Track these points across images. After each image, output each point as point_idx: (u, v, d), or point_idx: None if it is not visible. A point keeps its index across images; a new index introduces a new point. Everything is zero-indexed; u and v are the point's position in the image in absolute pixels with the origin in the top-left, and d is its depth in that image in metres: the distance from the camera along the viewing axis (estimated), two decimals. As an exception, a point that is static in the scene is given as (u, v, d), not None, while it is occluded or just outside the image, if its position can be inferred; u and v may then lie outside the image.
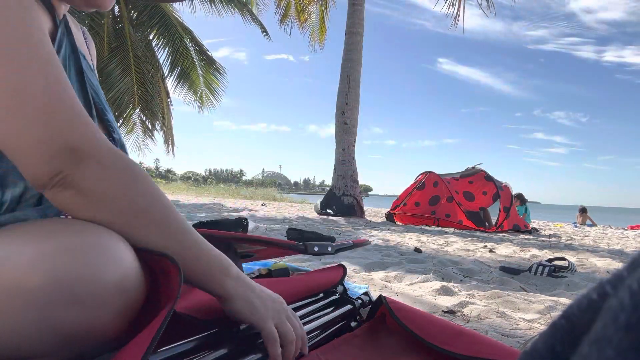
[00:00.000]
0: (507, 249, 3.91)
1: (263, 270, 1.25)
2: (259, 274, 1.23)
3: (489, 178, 7.43)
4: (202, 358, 0.63)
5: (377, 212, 11.26)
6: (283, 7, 11.65)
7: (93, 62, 0.85)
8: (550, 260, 2.68)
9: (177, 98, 10.83)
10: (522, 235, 6.27)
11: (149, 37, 10.30)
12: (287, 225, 5.13)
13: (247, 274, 1.05)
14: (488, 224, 7.04)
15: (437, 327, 0.83)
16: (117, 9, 9.96)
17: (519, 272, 2.45)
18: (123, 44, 9.37)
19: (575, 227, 10.10)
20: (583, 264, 3.09)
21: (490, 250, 3.73)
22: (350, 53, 8.78)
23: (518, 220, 7.21)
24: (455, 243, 4.22)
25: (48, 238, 0.54)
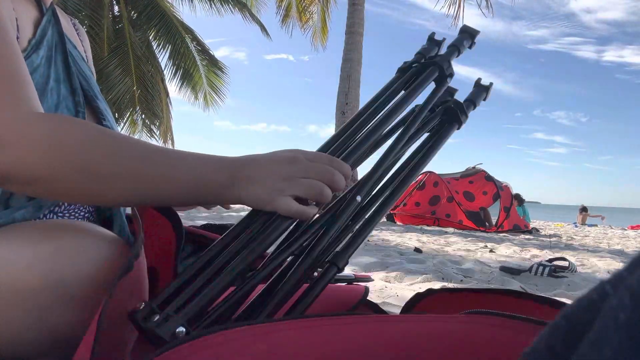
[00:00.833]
0: (507, 249, 3.91)
1: None
2: None
3: (489, 178, 7.43)
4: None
5: (377, 212, 11.24)
6: (284, 8, 11.65)
7: (87, 53, 0.86)
8: (551, 261, 2.68)
9: (181, 98, 10.86)
10: (522, 235, 6.27)
11: (149, 37, 10.30)
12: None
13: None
14: (488, 224, 7.04)
15: None
16: (117, 9, 9.96)
17: (519, 272, 2.45)
18: (123, 44, 9.38)
19: (576, 227, 10.10)
20: (583, 264, 3.09)
21: (491, 251, 3.72)
22: (351, 53, 8.78)
23: (518, 220, 7.21)
24: (456, 243, 4.22)
25: (45, 239, 0.54)
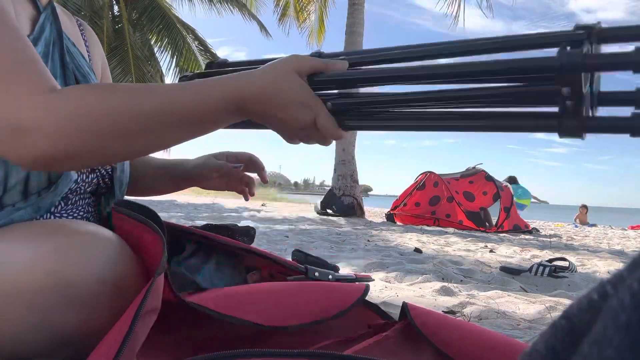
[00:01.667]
0: (507, 249, 3.91)
1: None
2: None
3: (490, 178, 7.43)
4: None
5: (377, 212, 11.25)
6: (281, 6, 11.65)
7: (91, 51, 0.86)
8: (551, 261, 2.68)
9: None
10: (522, 236, 6.27)
11: (150, 38, 10.30)
12: (287, 226, 5.12)
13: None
14: (488, 224, 7.04)
15: (466, 341, 0.73)
16: (116, 9, 9.96)
17: (520, 272, 2.45)
18: (122, 44, 9.38)
19: (576, 227, 10.10)
20: (584, 264, 3.09)
21: (491, 251, 3.72)
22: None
23: (518, 221, 7.20)
24: (456, 243, 4.22)
25: (46, 239, 0.54)
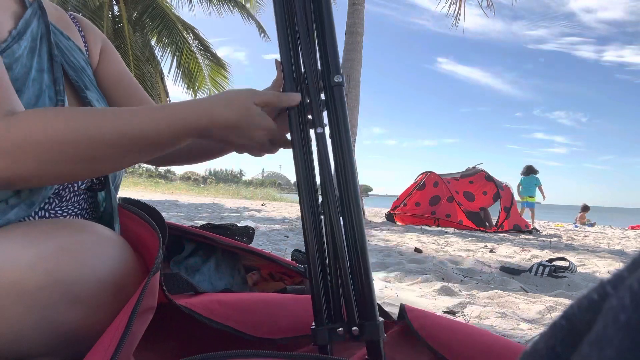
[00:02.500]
0: (507, 249, 3.91)
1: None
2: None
3: (490, 178, 7.43)
4: None
5: (377, 212, 11.25)
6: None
7: (88, 39, 0.85)
8: (551, 261, 2.68)
9: (182, 97, 10.91)
10: (522, 236, 6.27)
11: (150, 38, 10.30)
12: (287, 225, 5.13)
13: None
14: (488, 224, 7.04)
15: (464, 343, 0.72)
16: (116, 9, 9.96)
17: (520, 272, 2.44)
18: (122, 44, 9.38)
19: (576, 227, 10.10)
20: (584, 264, 3.09)
21: (491, 251, 3.72)
22: (350, 53, 8.78)
23: (518, 221, 7.20)
24: (456, 243, 4.22)
25: (47, 239, 0.54)
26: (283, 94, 0.67)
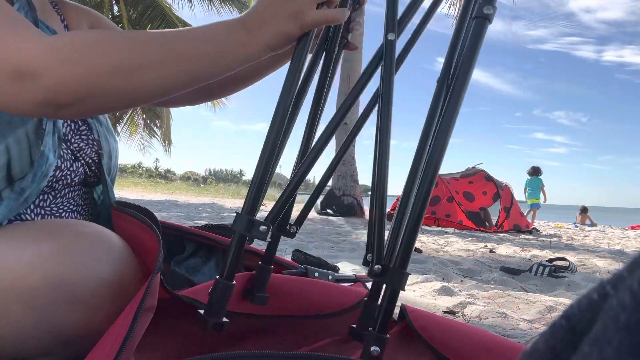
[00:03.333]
0: (507, 249, 3.91)
1: None
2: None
3: (489, 178, 7.43)
4: None
5: (377, 212, 11.23)
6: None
7: (70, 23, 0.82)
8: (551, 261, 2.68)
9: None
10: (522, 236, 6.27)
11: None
12: (287, 226, 5.11)
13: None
14: (488, 224, 7.04)
15: (465, 343, 0.73)
16: (116, 9, 9.96)
17: (519, 272, 2.44)
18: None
19: (576, 227, 10.10)
20: (584, 264, 3.09)
21: (491, 251, 3.72)
22: (350, 53, 8.78)
23: (519, 220, 7.20)
24: (456, 243, 4.22)
25: (46, 239, 0.54)
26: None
